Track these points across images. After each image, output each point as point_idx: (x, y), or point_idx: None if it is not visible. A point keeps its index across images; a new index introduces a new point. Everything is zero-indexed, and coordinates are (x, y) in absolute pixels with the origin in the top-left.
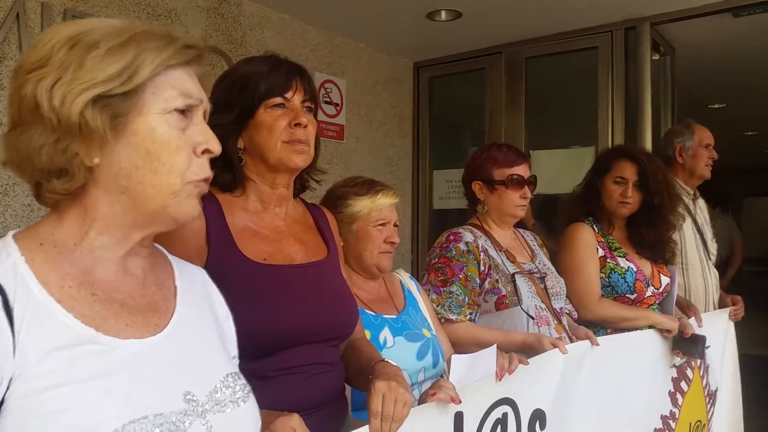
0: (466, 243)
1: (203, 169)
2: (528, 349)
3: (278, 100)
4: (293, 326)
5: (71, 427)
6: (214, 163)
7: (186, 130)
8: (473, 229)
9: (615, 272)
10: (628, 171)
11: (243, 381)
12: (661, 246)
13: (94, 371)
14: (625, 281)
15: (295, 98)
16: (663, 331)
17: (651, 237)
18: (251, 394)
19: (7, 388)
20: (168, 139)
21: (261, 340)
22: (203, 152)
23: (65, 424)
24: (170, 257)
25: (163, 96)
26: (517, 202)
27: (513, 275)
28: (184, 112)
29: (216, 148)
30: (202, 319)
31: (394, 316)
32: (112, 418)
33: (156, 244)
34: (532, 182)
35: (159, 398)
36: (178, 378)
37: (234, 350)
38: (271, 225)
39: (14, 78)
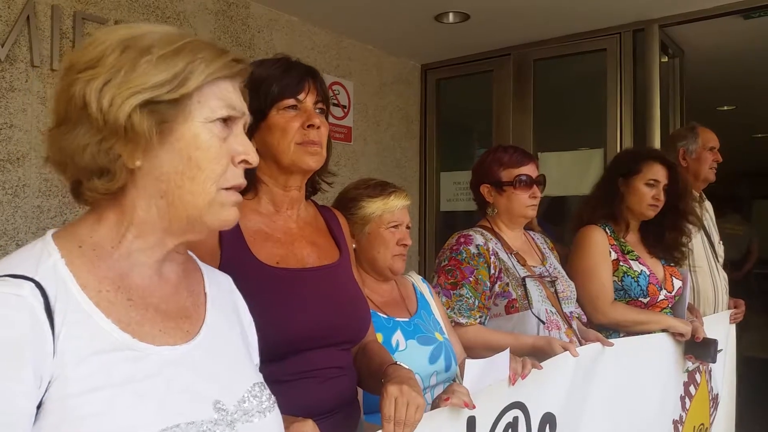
0: (477, 246)
1: (236, 177)
2: (538, 353)
3: (291, 101)
4: (306, 330)
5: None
6: None
7: (227, 139)
8: (484, 231)
9: (628, 275)
10: (660, 174)
11: (268, 391)
12: (675, 248)
13: (130, 377)
14: (638, 285)
15: (308, 100)
16: (676, 335)
17: (673, 240)
18: (276, 405)
19: (46, 391)
20: (209, 147)
21: (274, 344)
22: (240, 162)
23: (101, 429)
24: (200, 264)
25: (208, 105)
26: (527, 203)
27: (524, 279)
28: (226, 121)
29: (254, 159)
30: (230, 327)
31: (407, 319)
32: (147, 424)
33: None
34: (540, 182)
35: (191, 406)
36: (208, 386)
37: (256, 358)
38: (283, 227)
39: (64, 76)
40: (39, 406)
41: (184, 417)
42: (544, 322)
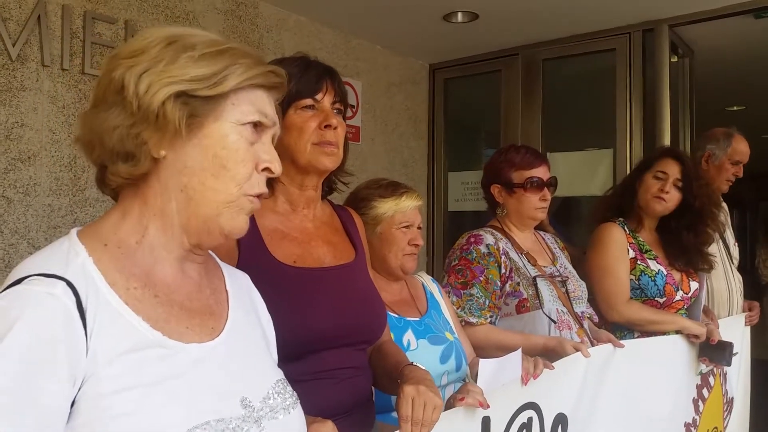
0: (487, 245)
1: (259, 185)
2: (549, 353)
3: (308, 101)
4: (323, 330)
5: (139, 431)
6: None
7: (254, 145)
8: (494, 231)
9: (645, 275)
10: (671, 168)
11: (290, 388)
12: (697, 254)
13: (161, 376)
14: (655, 284)
15: (326, 100)
16: (690, 337)
17: (689, 241)
18: (298, 401)
19: (79, 389)
20: (237, 149)
21: (290, 344)
22: (264, 170)
23: (133, 427)
24: (220, 262)
25: (241, 108)
26: (536, 205)
27: (534, 278)
28: (256, 127)
29: (278, 169)
30: (251, 324)
31: (417, 319)
32: (178, 422)
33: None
34: (551, 184)
35: (219, 403)
36: (235, 383)
37: (275, 355)
38: (299, 227)
39: (108, 63)
40: (72, 404)
41: (213, 414)
42: (555, 322)
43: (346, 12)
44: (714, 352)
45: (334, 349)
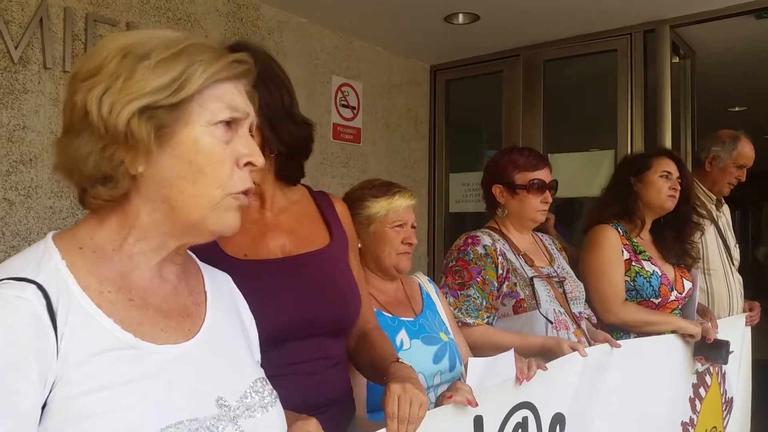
0: (484, 246)
1: (244, 181)
2: (547, 353)
3: None
4: (281, 322)
5: (110, 430)
6: None
7: (230, 142)
8: (491, 232)
9: (640, 276)
10: (671, 167)
11: (270, 386)
12: (683, 250)
13: (133, 376)
14: (651, 285)
15: None
16: (685, 336)
17: (672, 238)
18: (278, 399)
19: (50, 391)
20: (211, 151)
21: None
22: (246, 164)
23: (105, 428)
24: (199, 263)
25: (209, 108)
26: (538, 207)
27: (531, 279)
28: (229, 124)
29: (259, 161)
30: (231, 324)
31: (412, 319)
32: (150, 422)
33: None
34: (553, 187)
35: (193, 403)
36: (210, 383)
37: (257, 354)
38: (254, 218)
39: (69, 85)
40: (44, 407)
41: (187, 414)
42: (552, 322)
43: (347, 13)
44: (710, 350)
45: (300, 339)
